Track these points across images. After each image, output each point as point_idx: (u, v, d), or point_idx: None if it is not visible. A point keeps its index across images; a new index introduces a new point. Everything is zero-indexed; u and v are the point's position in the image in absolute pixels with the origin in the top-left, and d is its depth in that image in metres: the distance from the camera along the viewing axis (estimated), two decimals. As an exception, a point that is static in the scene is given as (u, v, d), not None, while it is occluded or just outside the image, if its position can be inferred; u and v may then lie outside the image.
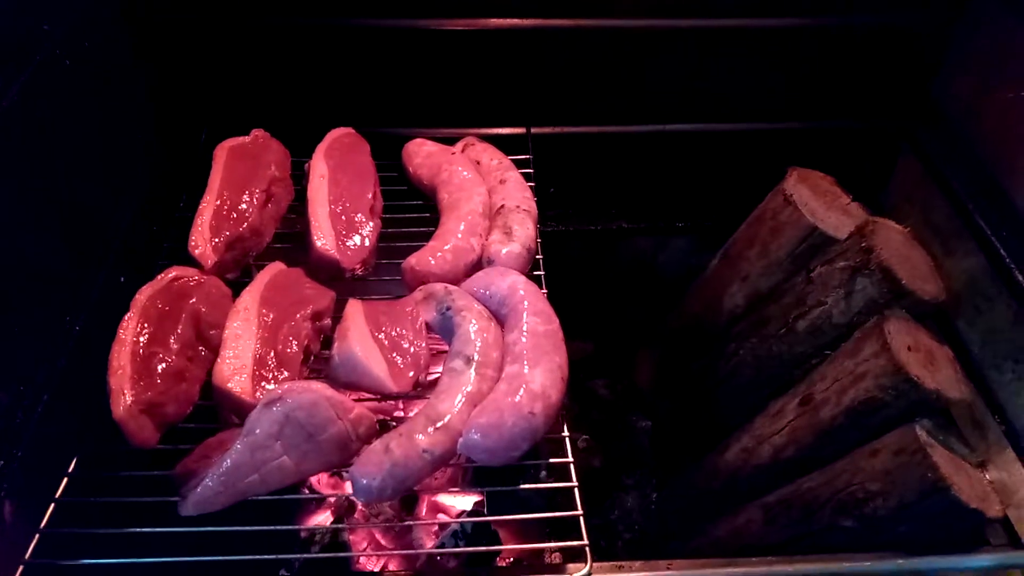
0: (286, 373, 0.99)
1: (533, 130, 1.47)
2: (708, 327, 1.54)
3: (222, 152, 1.25)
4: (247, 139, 1.30)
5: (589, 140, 1.54)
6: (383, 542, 1.39)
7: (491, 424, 0.90)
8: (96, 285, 1.15)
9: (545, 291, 1.12)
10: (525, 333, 1.00)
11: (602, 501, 1.56)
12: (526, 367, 0.96)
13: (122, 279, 1.21)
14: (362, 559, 1.34)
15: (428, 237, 1.25)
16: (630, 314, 1.77)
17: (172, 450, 0.95)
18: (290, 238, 1.27)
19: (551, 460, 0.97)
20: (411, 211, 1.32)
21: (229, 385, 0.93)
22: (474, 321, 1.02)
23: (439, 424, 0.91)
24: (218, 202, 1.17)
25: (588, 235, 1.60)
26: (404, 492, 0.91)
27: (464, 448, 0.91)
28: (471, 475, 1.38)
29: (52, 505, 0.91)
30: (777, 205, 1.39)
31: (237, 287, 1.13)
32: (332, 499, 1.43)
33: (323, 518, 1.45)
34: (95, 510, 0.92)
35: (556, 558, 1.43)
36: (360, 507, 1.45)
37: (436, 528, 1.42)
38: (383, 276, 1.22)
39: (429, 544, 1.36)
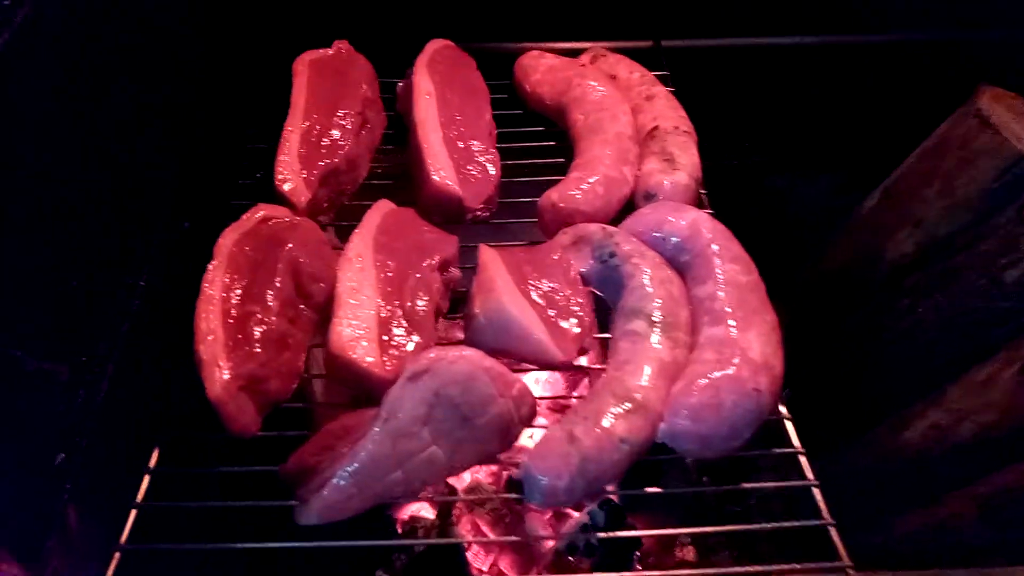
0: (417, 338, 0.77)
1: (663, 43, 1.22)
2: (862, 280, 1.30)
3: (303, 67, 1.01)
4: (329, 52, 1.06)
5: (723, 55, 1.29)
6: (492, 535, 1.19)
7: (705, 405, 0.68)
8: (156, 230, 0.93)
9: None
10: (722, 285, 0.77)
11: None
12: (733, 329, 0.73)
13: (186, 224, 0.99)
14: (473, 553, 1.14)
15: (556, 170, 1.02)
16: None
17: (276, 438, 0.74)
18: (386, 174, 1.04)
19: (774, 450, 0.75)
20: (529, 139, 1.08)
21: (353, 355, 0.71)
22: (649, 270, 0.79)
23: (632, 404, 0.69)
24: (305, 126, 0.93)
25: (714, 171, 1.36)
26: (593, 495, 0.70)
27: (668, 436, 0.69)
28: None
29: (133, 511, 0.70)
30: (967, 131, 1.14)
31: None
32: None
33: (417, 507, 1.25)
34: (185, 516, 0.72)
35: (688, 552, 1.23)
36: (461, 492, 1.25)
37: (550, 517, 1.22)
38: (506, 218, 0.99)
39: (547, 540, 1.15)
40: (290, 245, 0.81)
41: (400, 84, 1.09)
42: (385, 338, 0.75)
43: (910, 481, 1.11)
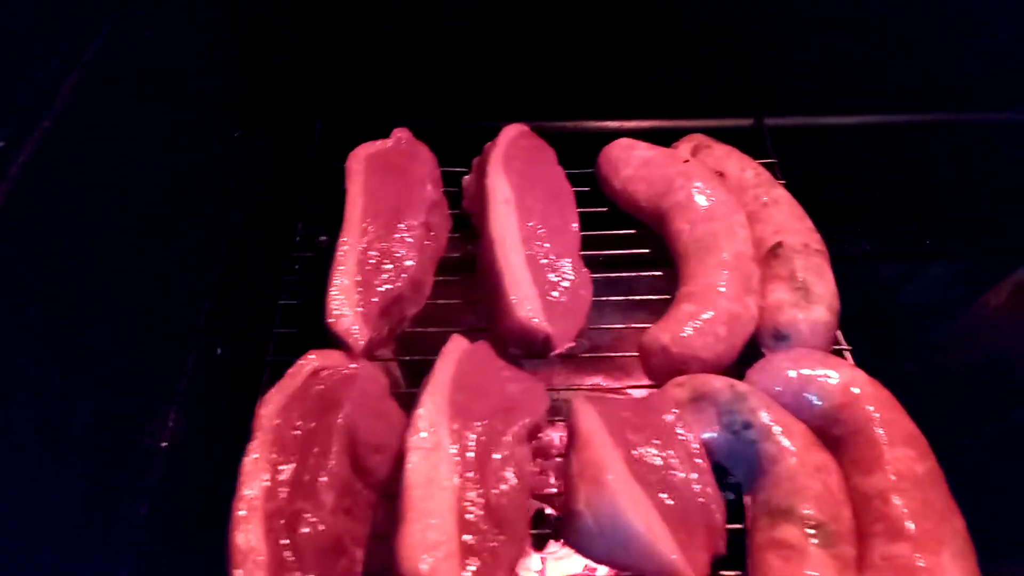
0: (503, 538, 0.61)
1: (767, 121, 1.05)
2: (991, 390, 1.13)
3: (358, 165, 0.86)
4: (388, 143, 0.91)
5: (832, 135, 1.12)
6: None
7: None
8: (183, 362, 0.78)
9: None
10: (895, 479, 0.61)
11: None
12: (920, 553, 0.57)
13: (218, 350, 0.85)
14: None
15: (652, 287, 0.86)
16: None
17: None
18: (453, 286, 0.89)
19: None
20: (616, 244, 0.92)
21: (431, 584, 0.56)
22: (799, 453, 0.63)
23: (800, 665, 0.52)
24: (363, 245, 0.78)
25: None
26: None
27: None
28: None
29: None
30: None
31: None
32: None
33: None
34: None
35: None
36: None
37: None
38: (596, 351, 0.83)
39: None
40: (346, 408, 0.66)
41: (467, 178, 0.94)
42: (468, 547, 0.59)
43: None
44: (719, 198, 0.84)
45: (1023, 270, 1.11)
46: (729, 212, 0.82)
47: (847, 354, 0.80)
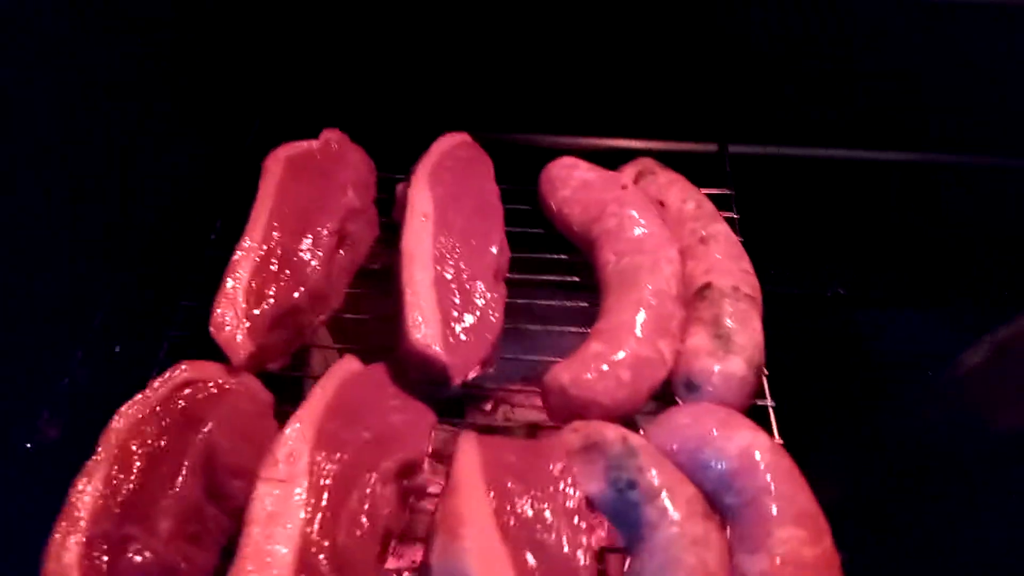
0: (349, 585, 0.57)
1: (731, 148, 0.99)
2: (958, 453, 1.05)
3: (276, 165, 0.82)
4: (314, 144, 0.87)
5: (803, 167, 1.06)
6: None
7: None
8: (64, 367, 0.75)
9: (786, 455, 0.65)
10: (779, 560, 0.55)
11: None
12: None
13: (117, 348, 0.82)
14: None
15: (576, 318, 0.81)
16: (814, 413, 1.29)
17: None
18: (368, 300, 0.84)
19: None
20: (548, 269, 0.87)
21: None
22: (680, 523, 0.57)
23: None
24: (263, 249, 0.74)
25: (785, 301, 1.12)
26: None
27: None
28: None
29: None
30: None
31: (280, 386, 0.72)
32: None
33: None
34: None
35: None
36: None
37: None
38: (506, 383, 0.79)
39: None
40: (207, 426, 0.62)
41: (400, 185, 0.89)
42: (303, 592, 0.55)
43: None
44: (651, 230, 0.78)
45: (1003, 330, 1.04)
46: (659, 246, 0.76)
47: (770, 412, 0.74)
